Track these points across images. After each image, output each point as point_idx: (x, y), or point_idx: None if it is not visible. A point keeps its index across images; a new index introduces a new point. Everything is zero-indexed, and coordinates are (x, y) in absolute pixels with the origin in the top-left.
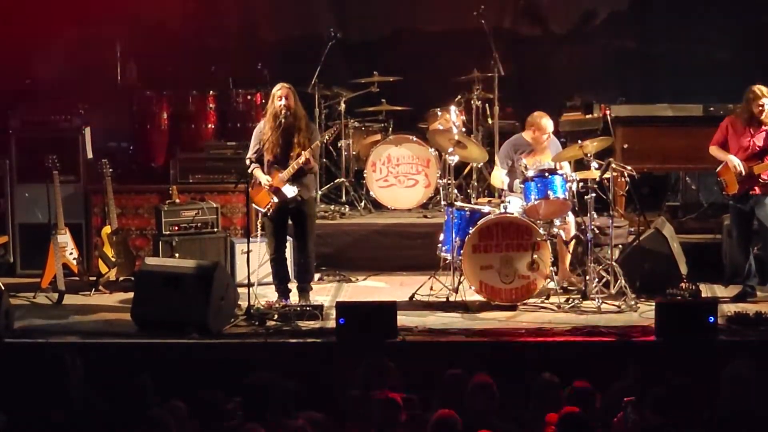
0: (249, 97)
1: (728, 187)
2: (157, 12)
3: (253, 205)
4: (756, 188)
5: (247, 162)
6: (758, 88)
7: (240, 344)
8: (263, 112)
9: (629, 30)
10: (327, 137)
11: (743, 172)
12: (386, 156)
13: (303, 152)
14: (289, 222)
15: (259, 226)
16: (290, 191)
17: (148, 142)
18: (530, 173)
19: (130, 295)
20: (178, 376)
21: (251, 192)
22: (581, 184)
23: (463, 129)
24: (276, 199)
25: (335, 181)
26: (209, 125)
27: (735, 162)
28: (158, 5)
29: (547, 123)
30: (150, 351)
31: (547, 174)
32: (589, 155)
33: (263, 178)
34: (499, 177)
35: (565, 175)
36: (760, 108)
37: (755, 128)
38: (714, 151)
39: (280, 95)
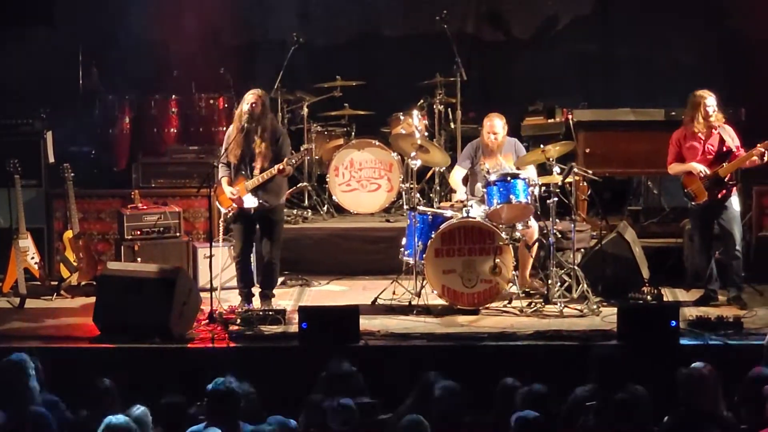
0: (212, 102)
1: (698, 197)
2: (119, 15)
3: (216, 203)
4: (723, 191)
5: (219, 166)
6: (701, 93)
7: (202, 349)
8: (233, 114)
9: (591, 35)
10: (294, 161)
11: (708, 174)
12: (349, 160)
13: (278, 165)
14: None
15: (221, 230)
16: (251, 202)
17: (110, 147)
18: (493, 177)
19: (92, 299)
20: (140, 380)
21: (217, 191)
22: (543, 188)
23: (426, 133)
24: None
25: (298, 186)
26: (172, 129)
27: (699, 168)
28: (120, 8)
29: (493, 122)
30: (112, 355)
31: (509, 178)
32: (551, 159)
33: (227, 191)
34: (455, 177)
35: (527, 180)
36: (707, 110)
37: (706, 133)
38: (674, 168)
39: (248, 101)
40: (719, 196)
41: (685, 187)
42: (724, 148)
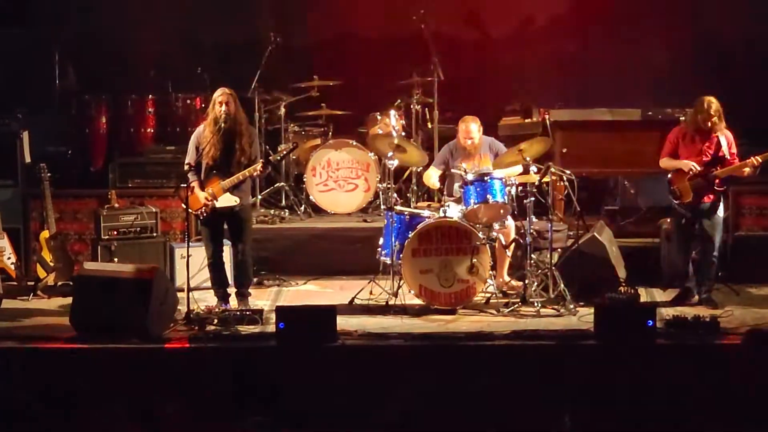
0: (188, 102)
1: (683, 196)
2: (95, 15)
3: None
4: (710, 195)
5: (186, 168)
6: (710, 101)
7: (179, 349)
8: (204, 116)
9: (568, 34)
10: (280, 158)
11: (698, 172)
12: (326, 160)
13: (257, 165)
14: (225, 226)
15: (190, 231)
16: (233, 201)
17: (86, 147)
18: (470, 177)
19: (69, 299)
20: (117, 380)
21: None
22: (520, 188)
23: (403, 133)
24: (216, 204)
25: (275, 186)
26: (148, 129)
27: (691, 164)
28: (96, 8)
29: (468, 127)
30: (89, 356)
31: (486, 178)
32: (528, 159)
33: (201, 196)
34: (430, 175)
35: (504, 179)
36: (714, 120)
37: (705, 136)
38: (665, 162)
39: (221, 101)
40: (705, 200)
41: (672, 185)
42: (720, 154)
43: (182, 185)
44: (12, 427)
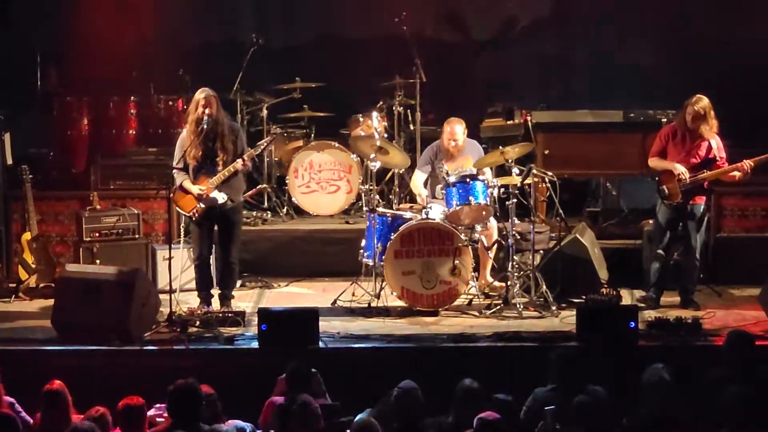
0: (170, 103)
1: (672, 197)
2: (78, 17)
3: (177, 209)
4: (699, 197)
5: (174, 171)
6: (699, 98)
7: (161, 351)
8: (185, 117)
9: (550, 36)
10: (261, 149)
11: (688, 180)
12: (308, 162)
13: (239, 160)
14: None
15: (182, 231)
16: (220, 197)
17: (68, 148)
18: (452, 179)
19: (51, 301)
20: (99, 383)
21: (175, 196)
22: (502, 189)
23: (385, 135)
24: (203, 205)
25: (257, 188)
26: (130, 131)
27: (681, 169)
28: (79, 10)
29: (453, 128)
30: (70, 358)
31: (468, 180)
32: (510, 161)
33: (194, 189)
34: (417, 182)
35: (486, 181)
36: (698, 116)
37: (695, 137)
38: (654, 162)
39: (203, 104)
40: (693, 201)
41: (661, 184)
42: (710, 155)
43: (164, 187)
44: None
